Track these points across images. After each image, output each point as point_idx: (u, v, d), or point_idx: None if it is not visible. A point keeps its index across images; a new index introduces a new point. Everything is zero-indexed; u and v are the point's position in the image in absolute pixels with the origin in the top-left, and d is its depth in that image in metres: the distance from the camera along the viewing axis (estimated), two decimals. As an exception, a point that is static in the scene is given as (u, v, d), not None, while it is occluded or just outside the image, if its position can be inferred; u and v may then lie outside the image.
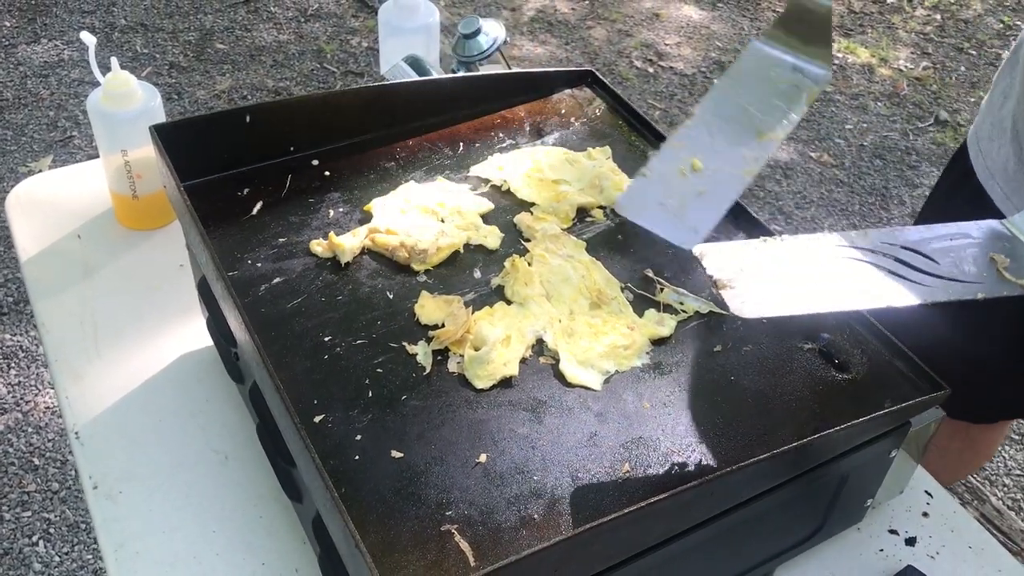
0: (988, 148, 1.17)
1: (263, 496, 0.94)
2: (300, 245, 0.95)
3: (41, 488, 2.10)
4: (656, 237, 0.84)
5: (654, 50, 3.84)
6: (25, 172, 2.93)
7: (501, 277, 0.93)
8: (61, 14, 3.72)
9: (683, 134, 0.92)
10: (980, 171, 1.18)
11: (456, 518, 0.72)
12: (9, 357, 2.38)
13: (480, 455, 0.77)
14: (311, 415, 0.79)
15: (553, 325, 0.89)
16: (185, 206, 0.86)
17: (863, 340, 0.89)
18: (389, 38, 1.42)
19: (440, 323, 0.88)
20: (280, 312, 0.88)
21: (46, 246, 1.22)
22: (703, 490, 0.70)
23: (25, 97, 3.28)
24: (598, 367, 0.86)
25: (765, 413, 0.83)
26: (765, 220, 0.97)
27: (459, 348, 0.85)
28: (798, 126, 3.47)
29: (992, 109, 1.19)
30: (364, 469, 0.75)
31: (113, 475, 0.96)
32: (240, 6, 3.87)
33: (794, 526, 0.88)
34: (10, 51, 3.51)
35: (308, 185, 1.02)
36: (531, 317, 0.89)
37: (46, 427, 2.23)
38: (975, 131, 1.23)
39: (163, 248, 1.22)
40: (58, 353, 1.09)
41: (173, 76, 3.43)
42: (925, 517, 0.98)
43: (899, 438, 0.85)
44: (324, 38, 3.71)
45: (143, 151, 1.18)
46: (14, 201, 1.29)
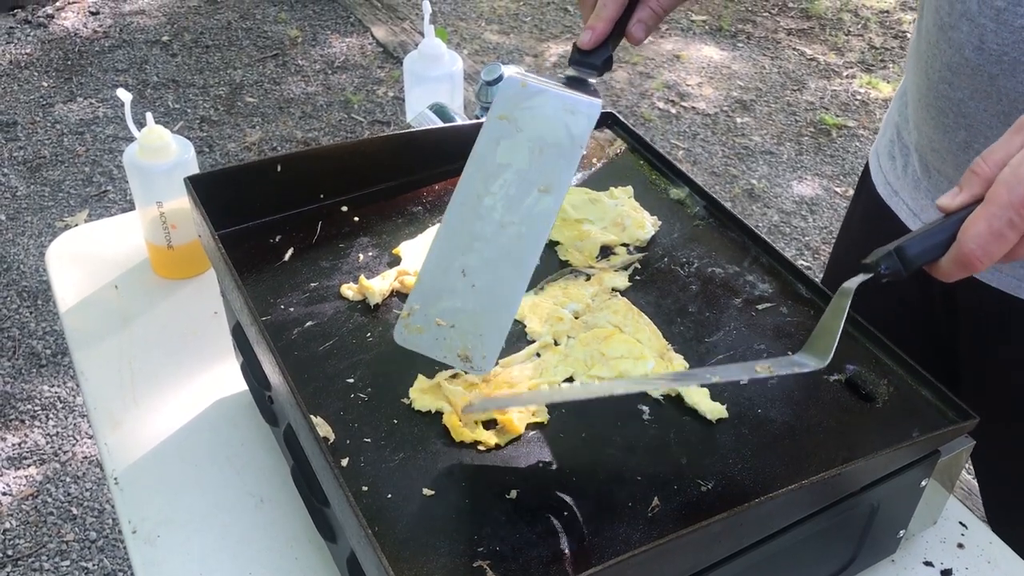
0: (888, 165, 1.18)
1: (298, 537, 0.96)
2: (331, 289, 0.98)
3: (79, 537, 2.13)
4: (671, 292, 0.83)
5: (676, 91, 3.88)
6: (62, 227, 3.00)
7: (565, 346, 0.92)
8: (96, 73, 3.83)
9: (446, 232, 0.82)
10: (882, 188, 1.19)
11: (488, 554, 0.73)
12: (47, 408, 2.42)
13: (510, 491, 0.78)
14: (344, 455, 0.81)
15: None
16: (220, 254, 0.89)
17: (889, 370, 0.89)
18: (414, 87, 1.45)
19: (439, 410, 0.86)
20: (312, 355, 0.90)
21: (85, 297, 1.26)
22: (732, 522, 0.70)
23: (62, 154, 3.37)
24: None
25: (793, 444, 0.83)
26: (791, 256, 0.97)
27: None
28: (823, 162, 3.47)
29: (889, 126, 1.20)
30: (397, 507, 0.76)
31: (152, 519, 0.98)
32: (269, 60, 3.97)
33: (827, 558, 0.88)
34: (47, 110, 3.61)
35: (338, 231, 1.05)
36: (570, 361, 0.90)
37: (84, 476, 2.26)
38: (875, 149, 1.23)
39: (198, 296, 1.25)
40: (97, 401, 1.11)
41: (204, 130, 3.51)
42: (960, 548, 0.97)
43: (929, 467, 0.85)
44: (351, 89, 3.79)
45: (178, 202, 1.22)
46: (54, 254, 1.33)
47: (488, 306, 0.80)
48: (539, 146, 0.82)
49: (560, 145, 0.82)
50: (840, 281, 1.02)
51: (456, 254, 0.81)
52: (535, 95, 0.84)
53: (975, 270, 0.70)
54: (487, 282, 0.80)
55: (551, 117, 0.83)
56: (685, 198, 1.11)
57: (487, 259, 0.80)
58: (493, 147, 0.83)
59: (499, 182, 0.81)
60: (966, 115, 0.97)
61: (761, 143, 3.59)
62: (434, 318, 0.80)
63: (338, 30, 4.22)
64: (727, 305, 0.97)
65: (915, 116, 1.08)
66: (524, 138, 0.82)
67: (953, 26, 0.94)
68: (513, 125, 0.83)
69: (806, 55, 4.17)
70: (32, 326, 2.67)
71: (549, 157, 0.82)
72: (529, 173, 0.82)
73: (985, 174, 0.70)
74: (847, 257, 1.31)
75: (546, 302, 0.97)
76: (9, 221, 3.06)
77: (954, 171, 1.03)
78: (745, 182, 3.38)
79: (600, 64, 0.89)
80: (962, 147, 1.00)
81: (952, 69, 0.97)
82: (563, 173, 0.81)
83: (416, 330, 0.80)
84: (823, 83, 3.97)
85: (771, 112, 3.78)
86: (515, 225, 0.80)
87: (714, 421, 0.85)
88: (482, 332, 0.79)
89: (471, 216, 0.81)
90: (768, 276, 1.00)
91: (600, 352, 0.91)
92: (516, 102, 0.84)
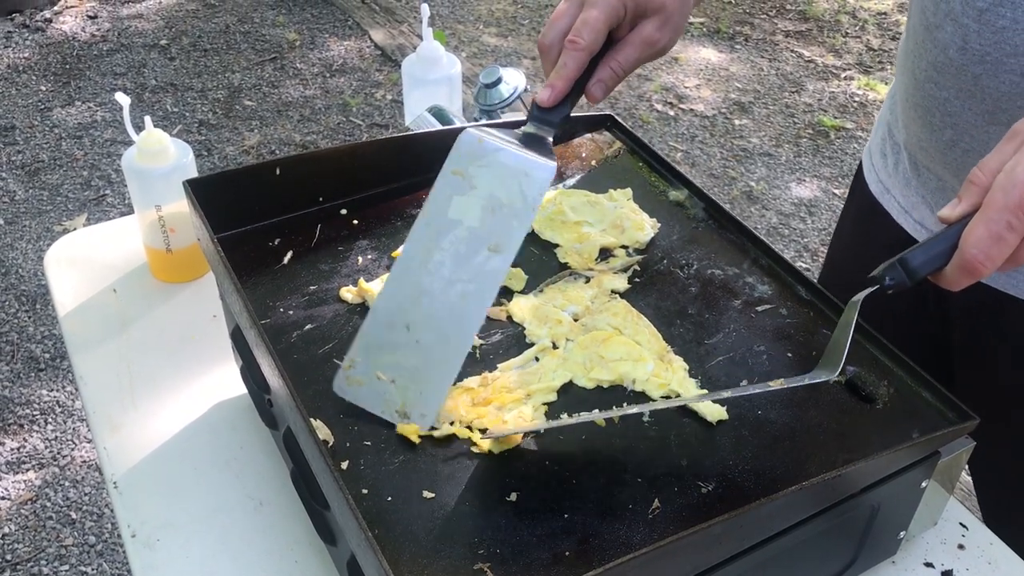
0: (880, 163, 1.19)
1: (298, 540, 0.95)
2: (330, 292, 0.97)
3: (78, 542, 2.13)
4: (671, 284, 0.84)
5: (674, 93, 3.88)
6: (60, 231, 3.00)
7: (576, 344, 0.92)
8: (94, 77, 3.83)
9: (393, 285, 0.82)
10: (874, 186, 1.20)
11: (488, 556, 0.73)
12: (46, 412, 2.42)
13: (511, 493, 0.78)
14: (344, 458, 0.80)
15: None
16: (219, 257, 0.89)
17: (889, 371, 0.89)
18: (413, 90, 1.45)
19: None
20: (312, 358, 0.90)
21: (83, 301, 1.25)
22: (733, 524, 0.70)
23: (60, 158, 3.37)
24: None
25: (793, 446, 0.83)
26: (790, 258, 0.97)
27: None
28: (821, 163, 3.46)
29: (881, 124, 1.21)
30: (397, 510, 0.76)
31: (151, 523, 0.98)
32: (267, 63, 3.97)
33: (827, 559, 0.88)
34: (46, 114, 3.61)
35: (337, 234, 1.05)
36: (569, 364, 0.90)
37: (83, 481, 2.26)
38: (868, 148, 1.25)
39: (196, 300, 1.25)
40: (96, 405, 1.11)
41: (203, 133, 3.51)
42: (961, 549, 0.97)
43: (929, 468, 0.85)
44: (349, 92, 3.79)
45: (176, 206, 1.22)
46: (53, 258, 1.33)
47: (430, 363, 0.80)
48: (492, 205, 0.82)
49: (513, 206, 0.82)
50: (836, 280, 1.03)
51: (402, 308, 0.81)
52: (491, 152, 0.84)
53: (979, 275, 0.71)
54: (430, 339, 0.80)
55: (506, 177, 0.83)
56: (684, 200, 1.11)
57: (432, 316, 0.80)
58: (446, 202, 0.83)
59: (449, 238, 0.82)
60: (951, 114, 0.98)
61: (759, 145, 3.59)
62: (375, 371, 0.80)
63: (336, 33, 4.22)
64: (726, 307, 0.97)
65: (904, 115, 1.09)
66: (477, 196, 0.83)
67: (938, 26, 0.95)
68: (468, 182, 0.83)
69: (804, 57, 4.18)
70: (30, 330, 2.67)
71: (501, 217, 0.82)
72: (480, 231, 0.82)
73: (982, 183, 0.72)
74: (842, 256, 1.32)
75: (545, 305, 0.97)
76: (7, 225, 3.06)
77: (942, 169, 1.04)
78: (744, 184, 3.38)
79: (558, 122, 0.90)
80: (948, 146, 1.00)
81: (937, 69, 0.97)
82: (514, 234, 0.81)
83: (356, 382, 0.80)
84: (821, 85, 3.98)
85: (769, 114, 3.78)
86: (463, 283, 0.80)
87: (714, 423, 0.85)
88: (422, 389, 0.80)
89: (420, 270, 0.81)
90: (767, 278, 1.00)
91: (599, 355, 0.91)
92: (472, 159, 0.84)
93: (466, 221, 0.82)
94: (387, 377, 0.79)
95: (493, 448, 0.82)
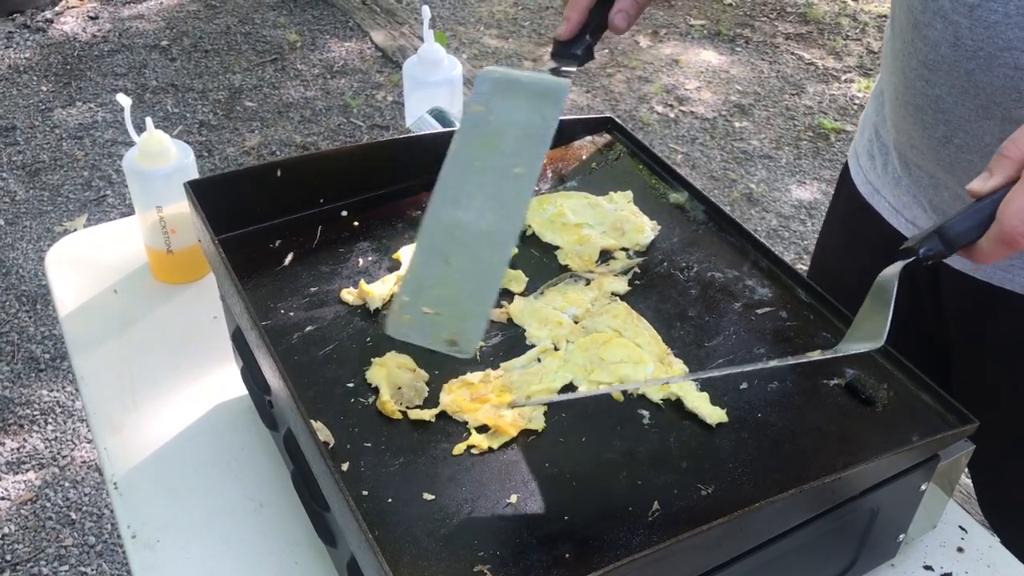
0: (868, 165, 1.19)
1: (298, 542, 0.96)
2: (331, 294, 0.98)
3: (78, 542, 2.13)
4: (677, 279, 0.84)
5: (674, 95, 3.88)
6: (61, 231, 3.00)
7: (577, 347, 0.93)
8: (95, 78, 3.83)
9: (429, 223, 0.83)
10: (863, 188, 1.20)
11: (488, 559, 0.73)
12: (47, 412, 2.42)
13: (511, 496, 0.78)
14: (344, 460, 0.81)
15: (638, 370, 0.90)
16: (220, 259, 0.89)
17: (889, 374, 0.89)
18: (414, 92, 1.45)
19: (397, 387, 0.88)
20: (312, 359, 0.90)
21: (84, 301, 1.26)
22: (732, 526, 0.70)
23: (61, 159, 3.37)
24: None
25: (793, 449, 0.83)
26: (790, 260, 0.97)
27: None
28: (821, 166, 3.45)
29: (867, 126, 1.21)
30: (397, 511, 0.76)
31: (151, 524, 0.98)
32: (267, 64, 3.97)
33: (827, 562, 0.88)
34: (46, 115, 3.61)
35: (338, 235, 1.05)
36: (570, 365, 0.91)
37: (82, 481, 2.26)
38: (854, 149, 1.25)
39: (197, 301, 1.25)
40: (97, 405, 1.11)
41: (203, 134, 3.51)
42: (960, 552, 0.97)
43: (929, 472, 0.85)
44: (350, 93, 3.79)
45: (177, 207, 1.22)
46: (54, 259, 1.33)
47: (471, 289, 0.81)
48: (512, 131, 0.84)
49: (532, 127, 0.84)
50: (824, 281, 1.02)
51: (439, 243, 0.82)
52: (507, 83, 0.86)
53: (1017, 247, 0.72)
54: (469, 266, 0.81)
55: (522, 103, 0.85)
56: (684, 202, 1.11)
57: (468, 244, 0.82)
58: (469, 138, 0.85)
59: (475, 170, 0.83)
60: (944, 111, 0.98)
61: (760, 147, 3.59)
62: (421, 307, 0.80)
63: (337, 35, 4.23)
64: (727, 309, 0.97)
65: (893, 114, 1.09)
66: (498, 125, 0.85)
67: (927, 24, 0.95)
68: (489, 113, 0.85)
69: (804, 59, 4.18)
70: (31, 330, 2.67)
71: (523, 140, 0.83)
72: (504, 158, 0.83)
73: (1015, 156, 0.73)
74: (830, 257, 1.32)
75: (546, 307, 0.97)
76: (8, 226, 3.06)
77: (934, 166, 1.04)
78: (744, 186, 3.38)
79: (580, 54, 0.90)
80: (941, 142, 1.01)
81: (928, 66, 0.97)
82: (537, 153, 0.83)
83: (406, 321, 0.81)
84: (821, 87, 3.98)
85: (769, 116, 3.78)
86: (493, 209, 0.81)
87: (714, 425, 0.85)
88: (465, 315, 0.80)
89: (452, 206, 0.82)
90: (768, 280, 1.00)
91: (600, 357, 0.91)
92: (489, 93, 0.86)
93: (490, 151, 0.84)
94: (433, 310, 0.80)
95: (492, 444, 0.82)
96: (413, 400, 0.87)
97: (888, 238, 1.14)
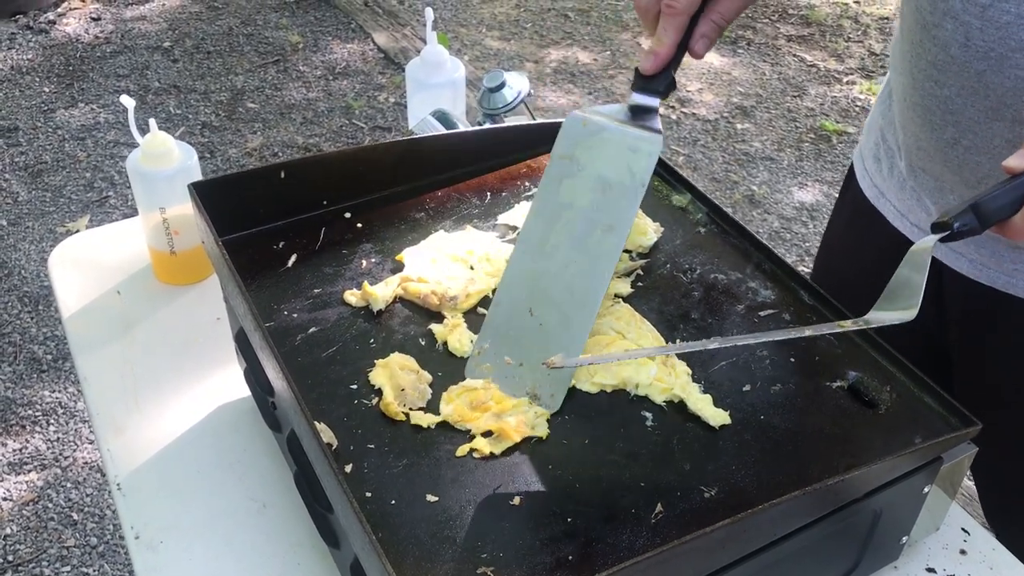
0: (874, 168, 1.18)
1: (301, 543, 0.96)
2: (334, 295, 0.98)
3: (80, 543, 2.13)
4: (680, 280, 0.84)
5: (676, 97, 3.88)
6: (63, 232, 3.00)
7: None
8: (97, 79, 3.83)
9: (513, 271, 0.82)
10: (868, 191, 1.19)
11: (492, 560, 0.73)
12: (48, 413, 2.42)
13: (514, 497, 0.78)
14: (347, 461, 0.81)
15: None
16: (223, 260, 0.89)
17: (891, 376, 0.89)
18: (416, 93, 1.45)
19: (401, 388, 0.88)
20: (316, 361, 0.90)
21: (87, 302, 1.26)
22: (735, 529, 0.70)
23: (63, 160, 3.38)
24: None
25: (795, 451, 0.83)
26: (792, 262, 0.97)
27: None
28: (823, 168, 3.45)
29: (873, 129, 1.20)
30: (400, 513, 0.77)
31: (154, 525, 0.98)
32: (270, 66, 3.97)
33: (830, 564, 0.88)
34: (49, 116, 3.61)
35: (341, 237, 1.05)
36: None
37: (85, 482, 2.26)
38: (859, 151, 1.24)
39: (200, 302, 1.25)
40: (99, 406, 1.11)
41: (206, 135, 3.52)
42: (963, 555, 0.97)
43: (932, 474, 0.85)
44: (352, 95, 3.79)
45: (180, 208, 1.22)
46: (57, 260, 1.33)
47: (555, 345, 0.80)
48: (601, 185, 0.83)
49: (623, 184, 0.83)
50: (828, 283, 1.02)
51: (523, 293, 0.81)
52: (596, 133, 0.84)
53: None
54: (553, 321, 0.81)
55: (613, 155, 0.83)
56: (687, 204, 1.11)
57: (552, 298, 0.81)
58: (556, 187, 0.84)
59: (562, 221, 0.82)
60: (953, 112, 0.98)
61: (762, 149, 3.59)
62: (503, 356, 0.80)
63: (339, 36, 4.23)
64: (729, 312, 0.97)
65: (901, 116, 1.09)
66: (586, 177, 0.83)
67: (937, 24, 0.94)
68: (575, 164, 0.84)
69: (806, 61, 4.18)
70: (33, 331, 2.67)
71: (612, 196, 0.82)
72: (592, 212, 0.82)
73: None
74: (835, 259, 1.32)
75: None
76: (10, 227, 3.06)
77: (942, 168, 1.04)
78: (746, 188, 3.38)
79: (663, 88, 0.89)
80: (950, 144, 1.00)
81: (938, 67, 0.97)
82: (626, 212, 0.82)
83: (486, 369, 0.81)
84: (823, 89, 3.98)
85: (771, 118, 3.78)
86: (579, 264, 0.81)
87: (717, 427, 0.85)
88: (549, 372, 0.80)
89: (537, 255, 0.82)
90: (770, 283, 1.00)
91: (603, 358, 0.91)
92: (577, 140, 0.84)
93: (577, 203, 0.83)
94: (515, 361, 0.80)
95: (495, 449, 0.82)
96: (416, 402, 0.87)
97: (893, 241, 1.14)
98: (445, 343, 0.93)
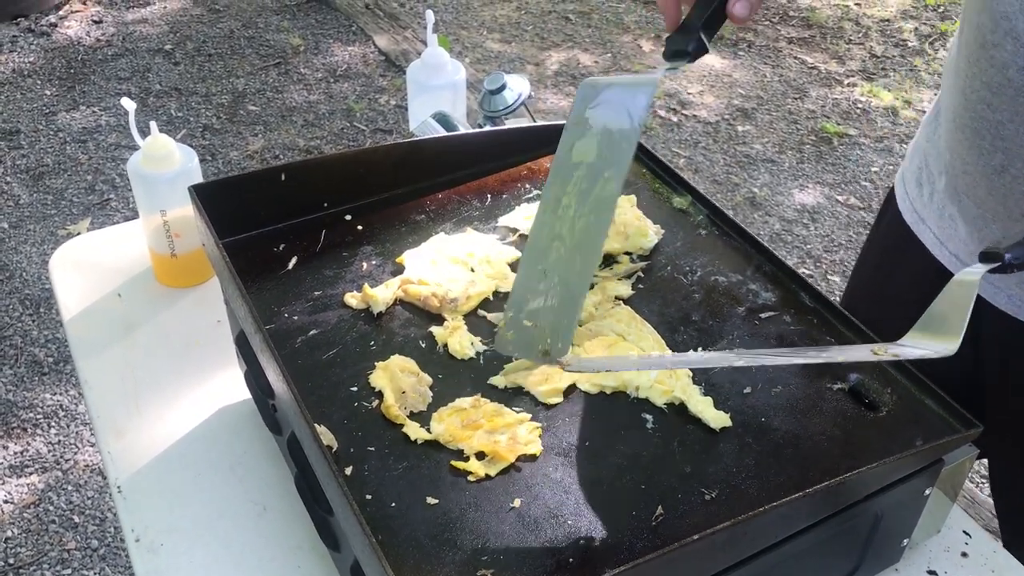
0: (915, 192, 1.14)
1: (301, 546, 0.96)
2: (335, 298, 0.98)
3: (81, 546, 2.13)
4: (681, 281, 0.84)
5: (677, 99, 3.88)
6: (64, 235, 3.00)
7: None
8: (99, 82, 3.84)
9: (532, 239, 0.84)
10: (908, 215, 1.15)
11: (492, 563, 0.73)
12: (49, 416, 2.42)
13: (514, 500, 0.78)
14: (348, 464, 0.81)
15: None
16: (224, 262, 0.89)
17: (892, 379, 0.89)
18: (417, 96, 1.45)
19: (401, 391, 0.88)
20: (316, 363, 0.90)
21: (88, 305, 1.26)
22: (736, 531, 0.70)
23: (64, 162, 3.38)
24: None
25: (796, 453, 0.83)
26: (793, 264, 0.96)
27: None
28: (824, 170, 3.45)
29: (917, 152, 1.16)
30: (400, 516, 0.76)
31: (155, 528, 0.98)
32: (271, 68, 3.97)
33: (831, 567, 0.87)
34: (50, 118, 3.62)
35: (341, 239, 1.05)
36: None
37: (85, 485, 2.26)
38: (901, 174, 1.20)
39: (201, 305, 1.25)
40: (100, 409, 1.11)
41: (207, 138, 3.52)
42: (964, 557, 0.97)
43: (933, 476, 0.85)
44: (353, 97, 3.80)
45: (181, 211, 1.22)
46: (58, 262, 1.33)
47: (562, 298, 0.81)
48: (606, 137, 0.83)
49: (622, 130, 0.82)
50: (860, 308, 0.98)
51: (539, 256, 0.82)
52: (602, 90, 0.85)
53: None
54: (562, 276, 0.81)
55: (614, 108, 0.84)
56: (688, 206, 1.11)
57: (563, 256, 0.82)
58: (569, 149, 0.85)
59: (573, 181, 0.83)
60: (1004, 138, 0.93)
61: (762, 151, 3.59)
62: (523, 321, 0.81)
63: (340, 39, 4.23)
64: (730, 314, 0.97)
65: (948, 137, 1.04)
66: (593, 134, 0.84)
67: (996, 44, 0.90)
68: (584, 125, 0.84)
69: (807, 64, 4.18)
70: (34, 334, 2.67)
71: (613, 144, 0.82)
72: (597, 164, 0.82)
73: None
74: (869, 283, 1.27)
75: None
76: (12, 229, 3.06)
77: (986, 195, 0.99)
78: (747, 190, 3.38)
79: (691, 50, 0.86)
80: (997, 171, 0.96)
81: (993, 89, 0.92)
82: (624, 155, 0.82)
83: (510, 337, 0.82)
84: (824, 91, 3.98)
85: (772, 120, 3.78)
86: (584, 216, 0.81)
87: (718, 430, 0.85)
88: (556, 326, 0.80)
89: (551, 219, 0.83)
90: (771, 285, 1.00)
91: (603, 361, 0.91)
92: (587, 103, 0.85)
93: (586, 160, 0.83)
94: (531, 323, 0.80)
95: (489, 471, 0.81)
96: (417, 404, 0.87)
97: (931, 267, 1.09)
98: (445, 345, 0.93)
